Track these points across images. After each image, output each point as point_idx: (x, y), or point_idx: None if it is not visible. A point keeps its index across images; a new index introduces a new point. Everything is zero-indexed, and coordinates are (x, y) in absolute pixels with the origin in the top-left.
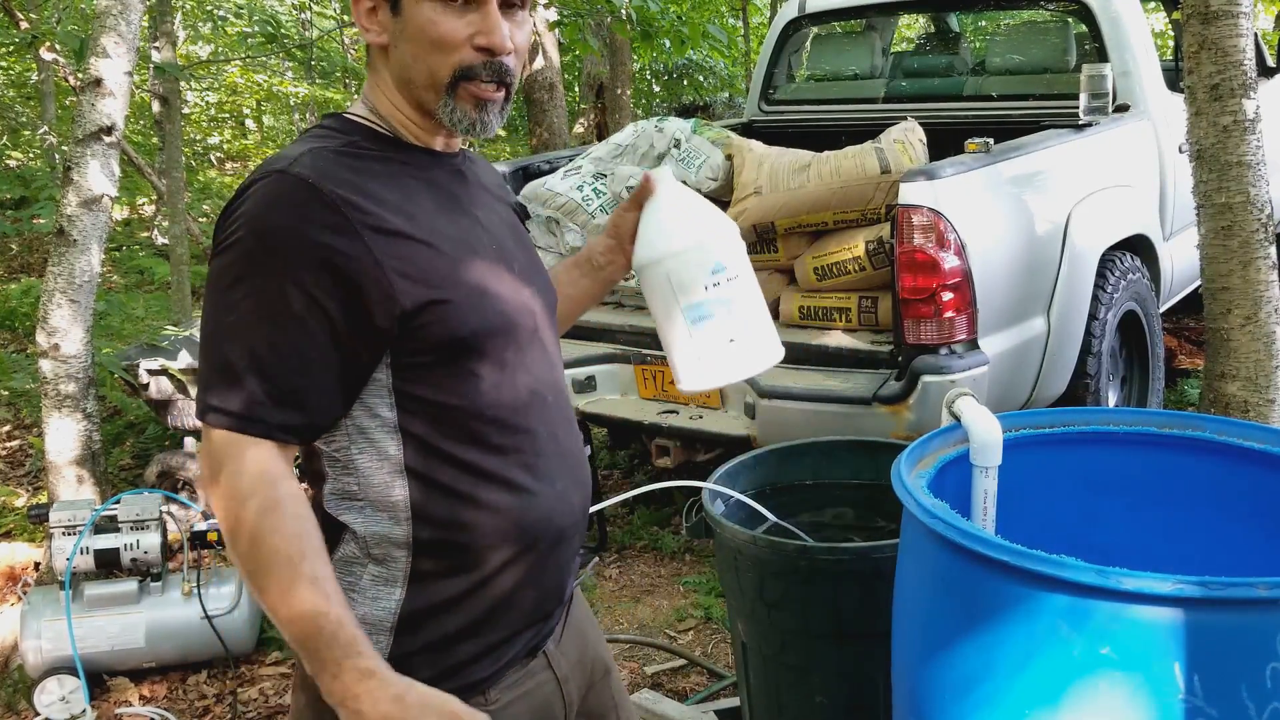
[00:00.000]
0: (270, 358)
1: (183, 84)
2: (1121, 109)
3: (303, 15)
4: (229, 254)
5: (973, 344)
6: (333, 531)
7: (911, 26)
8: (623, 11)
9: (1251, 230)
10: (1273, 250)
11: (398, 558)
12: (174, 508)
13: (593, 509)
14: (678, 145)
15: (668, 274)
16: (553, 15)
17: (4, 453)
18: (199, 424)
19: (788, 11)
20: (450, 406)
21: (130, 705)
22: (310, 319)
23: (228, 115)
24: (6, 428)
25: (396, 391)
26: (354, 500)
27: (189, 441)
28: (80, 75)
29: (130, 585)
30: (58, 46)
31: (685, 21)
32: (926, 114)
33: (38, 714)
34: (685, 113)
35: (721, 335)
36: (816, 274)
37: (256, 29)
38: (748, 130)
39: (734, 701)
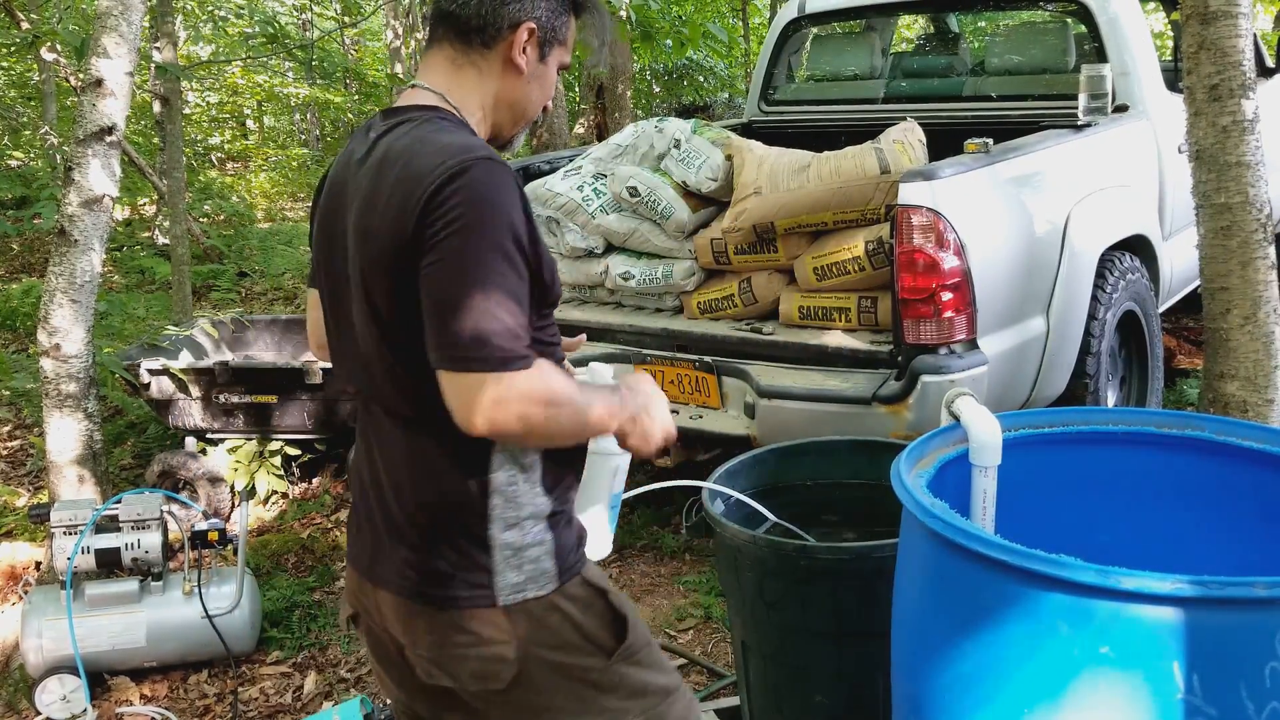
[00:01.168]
0: (516, 310)
1: (183, 84)
2: (1121, 109)
3: (304, 16)
4: (473, 226)
5: (972, 344)
6: (486, 457)
7: (911, 27)
8: (623, 13)
9: (1251, 230)
10: (1272, 250)
11: (535, 464)
12: (175, 507)
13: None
14: (677, 145)
15: (617, 468)
16: None
17: (5, 453)
18: (199, 424)
19: (788, 12)
20: (547, 346)
21: (131, 705)
22: (522, 277)
23: (228, 115)
24: (7, 428)
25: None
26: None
27: (189, 441)
28: (81, 75)
29: (131, 585)
30: (58, 47)
31: (685, 22)
32: (926, 114)
33: (39, 713)
34: (685, 113)
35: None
36: (816, 274)
37: (257, 29)
38: (748, 130)
39: (734, 701)
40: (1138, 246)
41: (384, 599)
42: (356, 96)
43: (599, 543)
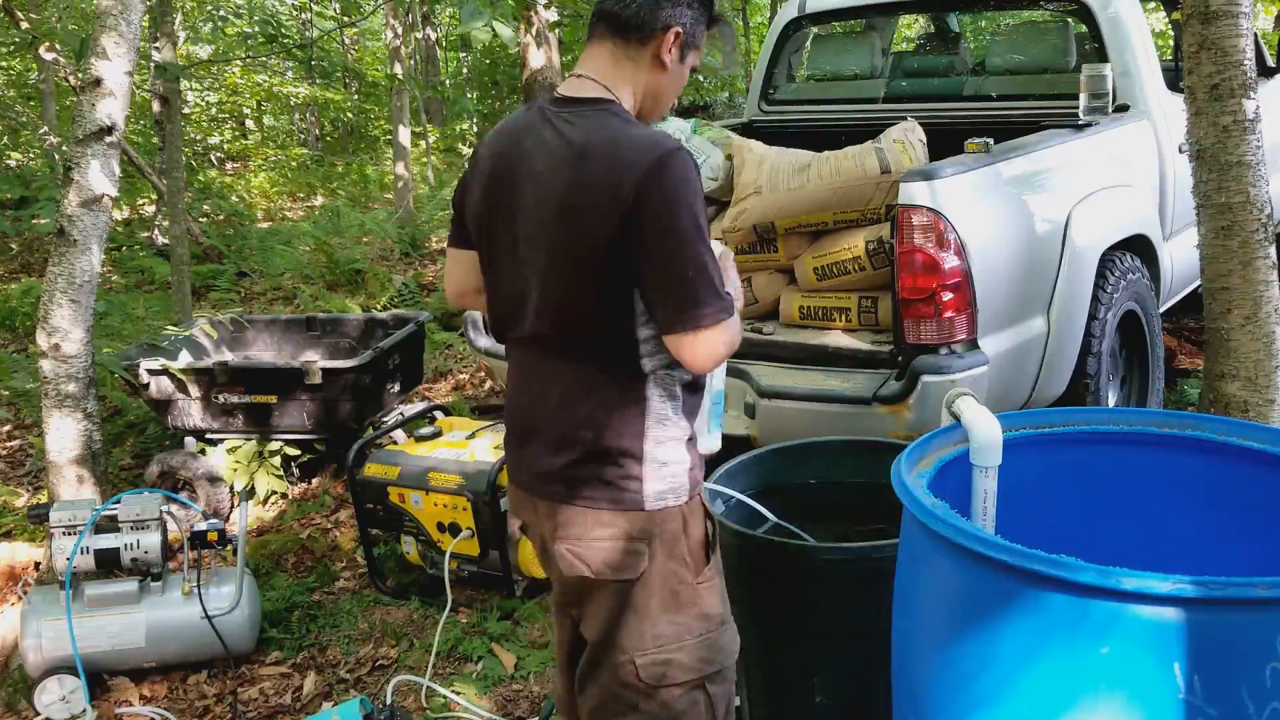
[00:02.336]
0: (716, 264)
1: (183, 84)
2: (1121, 109)
3: (303, 16)
4: (681, 207)
5: (973, 344)
6: (644, 386)
7: (911, 26)
8: None
9: (1251, 230)
10: (1273, 250)
11: (679, 393)
12: (174, 508)
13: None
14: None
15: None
16: (553, 15)
17: (4, 453)
18: (199, 424)
19: (788, 11)
20: None
21: (130, 705)
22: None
23: (228, 115)
24: (7, 428)
25: None
26: (670, 362)
27: (189, 441)
28: (80, 75)
29: (130, 585)
30: (58, 46)
31: None
32: (926, 114)
33: (38, 714)
34: (685, 113)
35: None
36: (816, 274)
37: (257, 29)
38: (748, 130)
39: (734, 701)
40: (1138, 246)
41: (544, 506)
42: (356, 96)
43: (708, 441)
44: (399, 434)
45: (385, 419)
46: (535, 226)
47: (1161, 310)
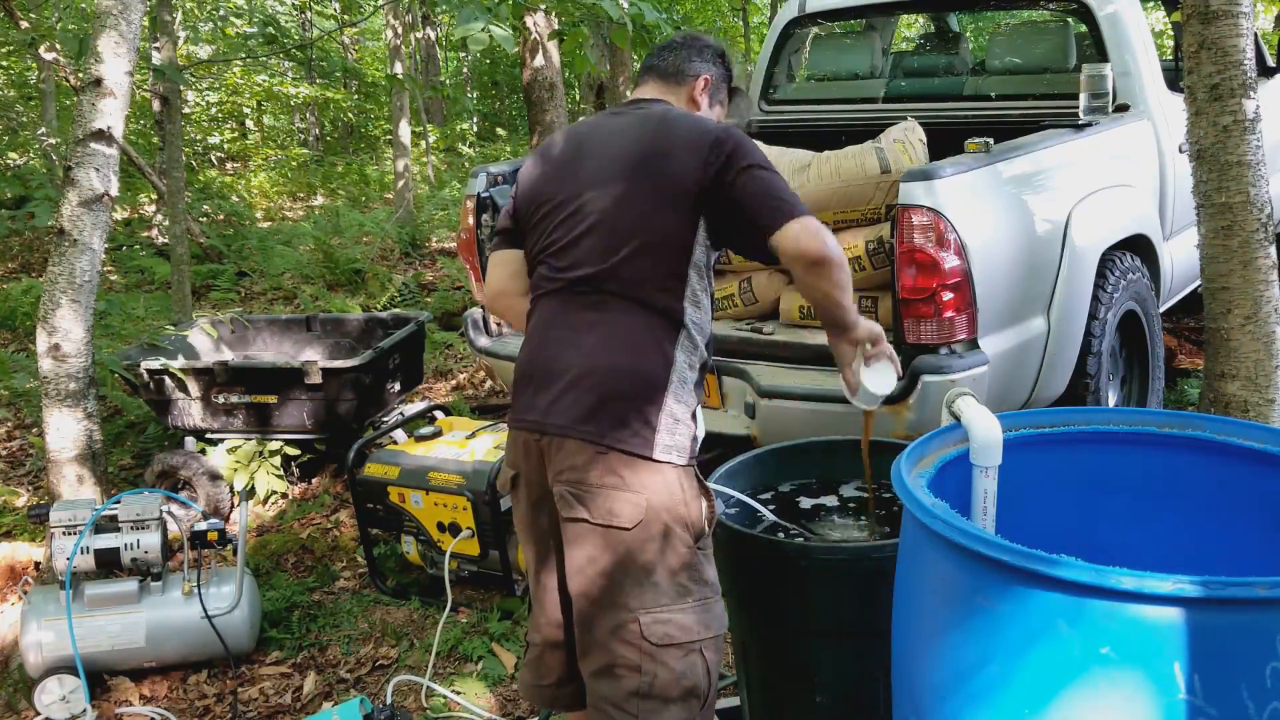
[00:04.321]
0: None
1: (183, 84)
2: (1121, 109)
3: (303, 15)
4: (758, 154)
5: (973, 344)
6: (674, 343)
7: (911, 26)
8: (621, 19)
9: (1251, 230)
10: (1273, 250)
11: (698, 365)
12: (174, 507)
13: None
14: None
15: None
16: (553, 24)
17: (4, 452)
18: (199, 424)
19: (788, 11)
20: None
21: (130, 705)
22: None
23: (228, 115)
24: (7, 427)
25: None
26: (699, 325)
27: (189, 441)
28: (80, 75)
29: (130, 585)
30: (58, 46)
31: (686, 20)
32: (926, 114)
33: (38, 713)
34: None
35: None
36: None
37: (256, 29)
38: (747, 130)
39: (734, 701)
40: (1139, 246)
41: (556, 444)
42: (356, 96)
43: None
44: (399, 434)
45: (385, 419)
46: (609, 176)
47: (1161, 310)
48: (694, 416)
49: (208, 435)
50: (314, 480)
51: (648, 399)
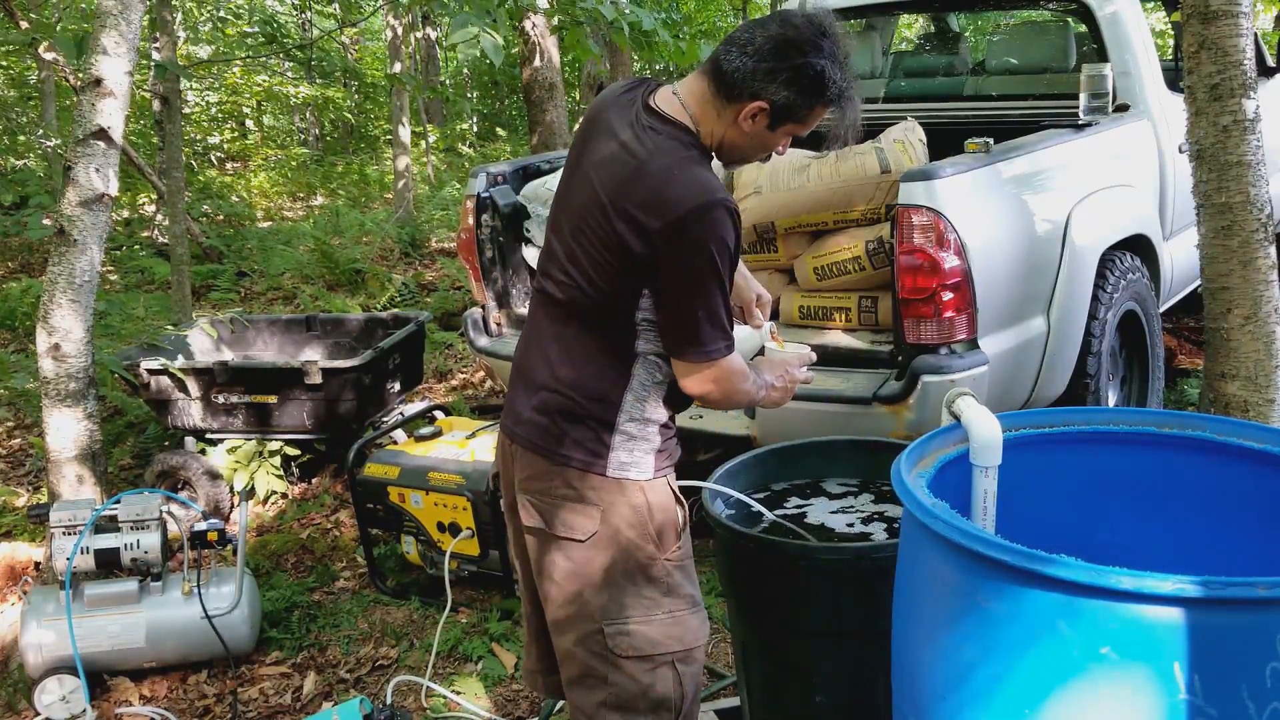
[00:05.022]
0: (726, 313)
1: (183, 84)
2: (1121, 109)
3: (303, 15)
4: (705, 258)
5: (973, 344)
6: (631, 364)
7: (912, 26)
8: (619, 22)
9: (1251, 230)
10: (1273, 250)
11: (664, 384)
12: (174, 507)
13: None
14: None
15: None
16: (554, 23)
17: (4, 452)
18: (198, 424)
19: None
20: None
21: (130, 705)
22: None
23: (228, 115)
24: (7, 427)
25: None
26: (659, 352)
27: (189, 441)
28: (80, 75)
29: (130, 585)
30: (57, 45)
31: (681, 38)
32: (926, 114)
33: (38, 713)
34: None
35: None
36: (816, 274)
37: (256, 29)
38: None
39: (734, 701)
40: (1139, 246)
41: (519, 452)
42: (356, 96)
43: None
44: (399, 434)
45: (385, 419)
46: (579, 207)
47: (1161, 310)
48: (662, 429)
49: (208, 435)
50: (314, 480)
51: (599, 418)
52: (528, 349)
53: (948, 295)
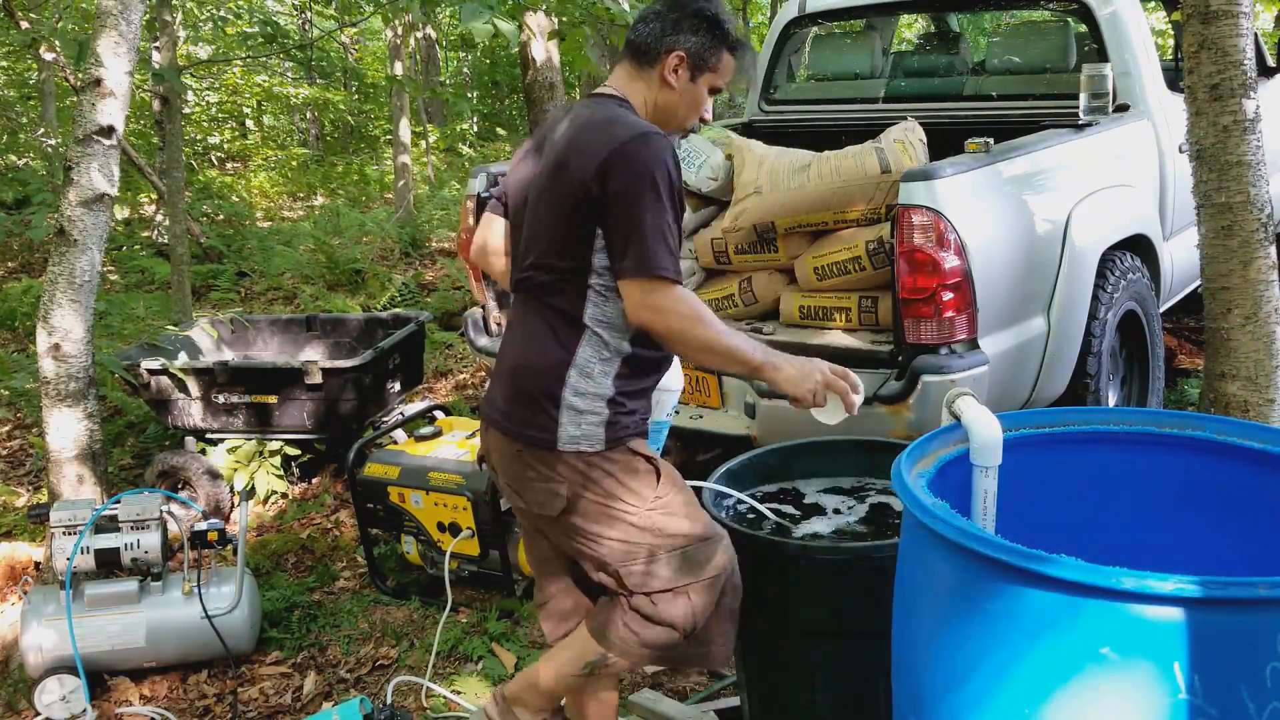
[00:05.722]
0: (674, 240)
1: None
2: (1121, 109)
3: (303, 15)
4: (648, 176)
5: (973, 344)
6: (576, 341)
7: (912, 26)
8: (622, 18)
9: (1251, 230)
10: (1273, 250)
11: (614, 360)
12: (174, 507)
13: None
14: (677, 144)
15: (659, 400)
16: (554, 23)
17: (4, 452)
18: (199, 424)
19: (788, 11)
20: None
21: (130, 705)
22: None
23: (228, 115)
24: (7, 427)
25: None
26: (608, 322)
27: (189, 441)
28: (80, 75)
29: (130, 585)
30: (57, 45)
31: None
32: (926, 114)
33: (38, 713)
34: None
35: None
36: (816, 274)
37: (256, 29)
38: (748, 130)
39: (734, 701)
40: (1139, 246)
41: (491, 437)
42: (356, 96)
43: None
44: (399, 434)
45: (385, 419)
46: (539, 189)
47: (1161, 310)
48: (611, 404)
49: (208, 435)
50: (314, 480)
51: (545, 393)
52: (504, 338)
53: (948, 295)
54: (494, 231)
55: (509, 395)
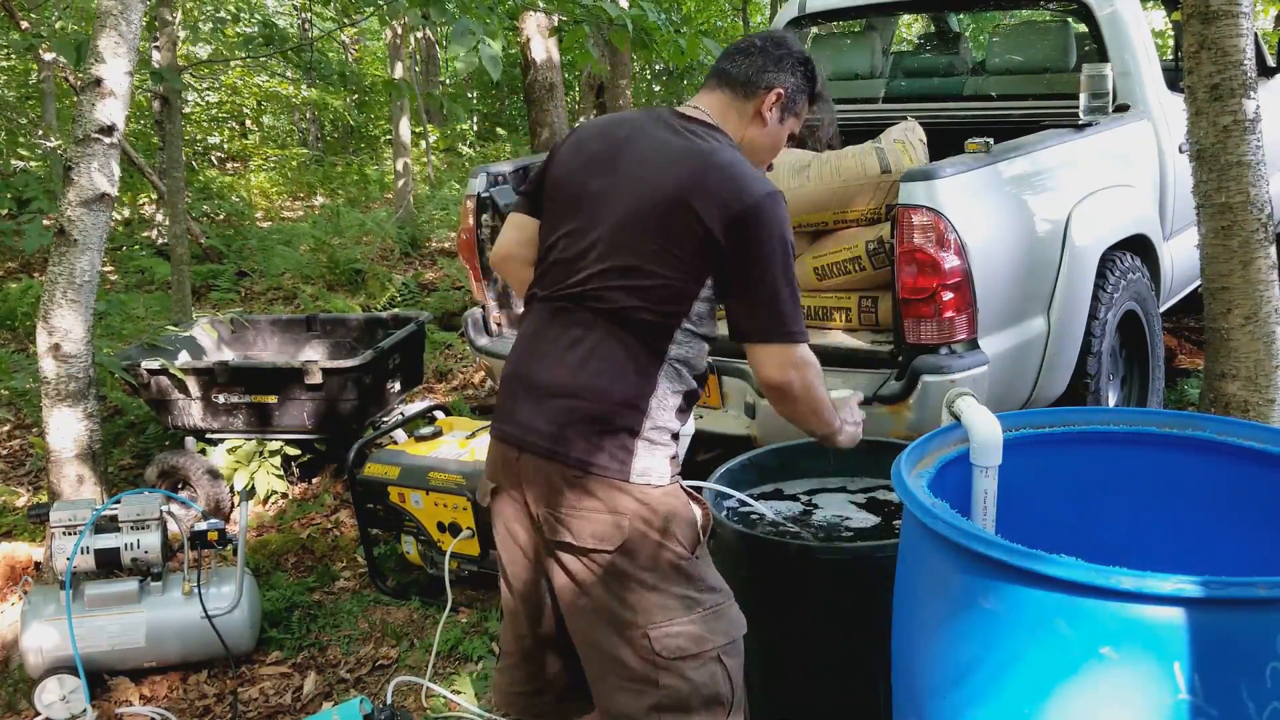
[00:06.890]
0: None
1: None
2: (1121, 109)
3: (303, 16)
4: (780, 240)
5: (973, 344)
6: (658, 371)
7: (911, 26)
8: (620, 19)
9: (1251, 230)
10: (1273, 250)
11: (681, 393)
12: (174, 507)
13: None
14: None
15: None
16: (554, 20)
17: (4, 452)
18: (199, 424)
19: (788, 11)
20: None
21: (130, 705)
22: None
23: (228, 115)
24: (7, 428)
25: None
26: (685, 360)
27: (189, 441)
28: (80, 76)
29: (130, 585)
30: (57, 47)
31: (686, 21)
32: (926, 114)
33: (38, 713)
34: None
35: None
36: (816, 274)
37: (255, 30)
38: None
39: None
40: (1139, 246)
41: (532, 464)
42: (355, 98)
43: None
44: (399, 434)
45: (385, 419)
46: (630, 202)
47: (1161, 310)
48: (674, 438)
49: (208, 435)
50: (314, 480)
51: (624, 424)
52: (533, 356)
53: (948, 295)
54: (522, 238)
55: (562, 419)
